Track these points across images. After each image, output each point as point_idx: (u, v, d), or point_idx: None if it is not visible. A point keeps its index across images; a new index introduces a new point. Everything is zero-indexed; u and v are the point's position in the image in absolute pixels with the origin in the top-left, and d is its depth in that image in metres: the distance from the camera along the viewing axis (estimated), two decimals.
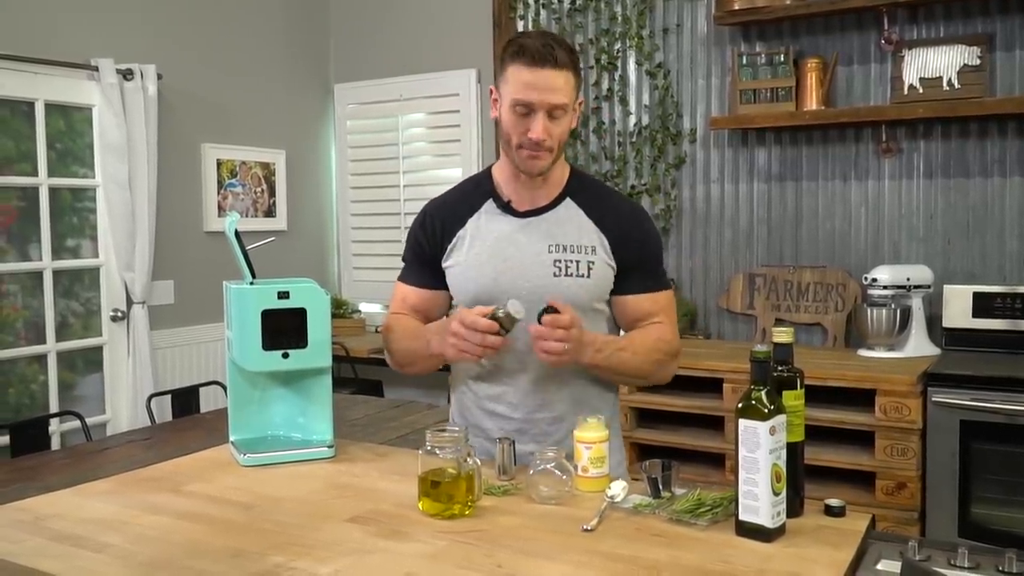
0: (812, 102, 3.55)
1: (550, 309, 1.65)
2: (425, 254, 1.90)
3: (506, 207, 1.84)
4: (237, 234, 1.82)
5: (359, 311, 4.89)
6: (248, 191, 4.46)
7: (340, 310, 4.70)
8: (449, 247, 1.87)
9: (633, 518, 1.44)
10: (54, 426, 3.45)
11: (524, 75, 1.69)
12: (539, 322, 1.65)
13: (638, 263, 1.85)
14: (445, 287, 1.90)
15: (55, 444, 3.39)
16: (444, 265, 1.88)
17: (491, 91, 1.81)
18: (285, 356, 1.79)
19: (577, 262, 1.79)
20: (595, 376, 1.84)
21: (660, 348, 1.83)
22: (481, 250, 1.83)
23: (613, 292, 1.85)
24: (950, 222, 3.49)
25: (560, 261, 1.79)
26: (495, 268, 1.80)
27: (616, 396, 1.96)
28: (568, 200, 1.85)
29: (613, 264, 1.82)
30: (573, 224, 1.82)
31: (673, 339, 1.87)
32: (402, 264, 1.98)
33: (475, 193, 1.89)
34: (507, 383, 1.83)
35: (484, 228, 1.85)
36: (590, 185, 1.92)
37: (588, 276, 1.80)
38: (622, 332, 1.92)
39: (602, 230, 1.82)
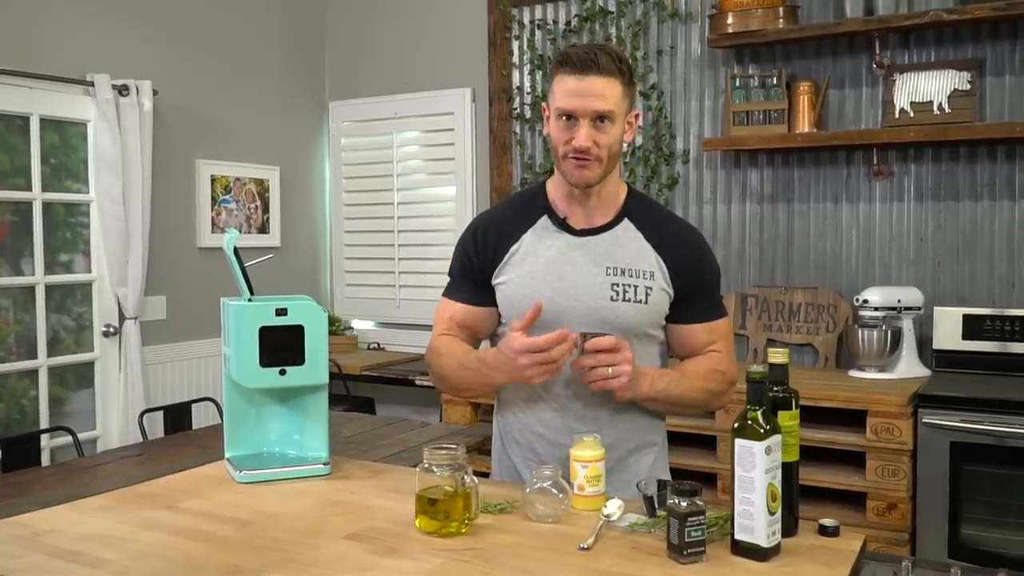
0: (804, 125, 3.59)
1: (587, 336, 1.62)
2: (475, 269, 1.83)
3: (562, 224, 1.79)
4: (236, 251, 1.82)
5: (352, 328, 4.89)
6: (242, 207, 4.47)
7: (333, 327, 4.70)
8: (502, 263, 1.80)
9: (629, 537, 1.44)
10: (45, 441, 3.43)
11: (568, 83, 1.67)
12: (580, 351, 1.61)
13: (696, 291, 1.81)
14: (494, 304, 1.83)
15: (45, 460, 3.38)
16: (495, 282, 1.81)
17: (543, 108, 1.79)
18: (282, 373, 1.79)
19: (635, 287, 1.75)
20: (646, 406, 1.80)
21: (714, 378, 1.80)
22: (535, 267, 1.77)
23: (670, 320, 1.81)
24: (940, 245, 3.52)
25: (618, 285, 1.74)
26: (550, 287, 1.74)
27: (665, 426, 1.91)
28: (626, 221, 1.80)
29: (671, 291, 1.78)
30: (631, 247, 1.78)
31: (729, 368, 1.83)
32: (448, 279, 1.90)
33: (530, 207, 1.83)
34: (557, 409, 1.78)
35: (539, 244, 1.79)
36: (649, 206, 1.87)
37: (646, 302, 1.75)
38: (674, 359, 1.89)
39: (661, 255, 1.78)
